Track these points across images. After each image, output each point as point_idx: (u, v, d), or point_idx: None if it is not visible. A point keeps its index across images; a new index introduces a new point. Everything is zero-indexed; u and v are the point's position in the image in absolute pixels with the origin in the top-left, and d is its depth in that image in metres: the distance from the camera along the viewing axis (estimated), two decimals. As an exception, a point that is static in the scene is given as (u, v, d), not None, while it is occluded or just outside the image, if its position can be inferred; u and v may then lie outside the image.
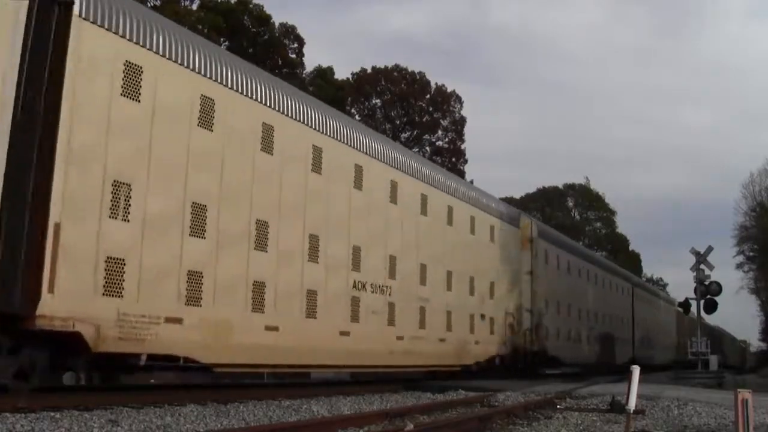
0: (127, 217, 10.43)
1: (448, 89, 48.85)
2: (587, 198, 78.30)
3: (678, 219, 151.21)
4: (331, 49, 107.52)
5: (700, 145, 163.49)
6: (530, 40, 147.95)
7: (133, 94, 10.72)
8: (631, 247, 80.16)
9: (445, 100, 48.64)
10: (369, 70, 48.18)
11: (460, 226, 20.95)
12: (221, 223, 12.10)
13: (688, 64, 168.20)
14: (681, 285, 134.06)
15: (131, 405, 10.18)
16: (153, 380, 16.96)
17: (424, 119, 48.47)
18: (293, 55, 41.27)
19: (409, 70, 48.51)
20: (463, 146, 49.25)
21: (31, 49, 9.46)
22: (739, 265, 50.53)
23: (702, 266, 28.23)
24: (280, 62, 39.44)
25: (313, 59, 57.24)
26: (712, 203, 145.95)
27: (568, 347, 29.75)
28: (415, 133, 48.76)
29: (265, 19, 38.87)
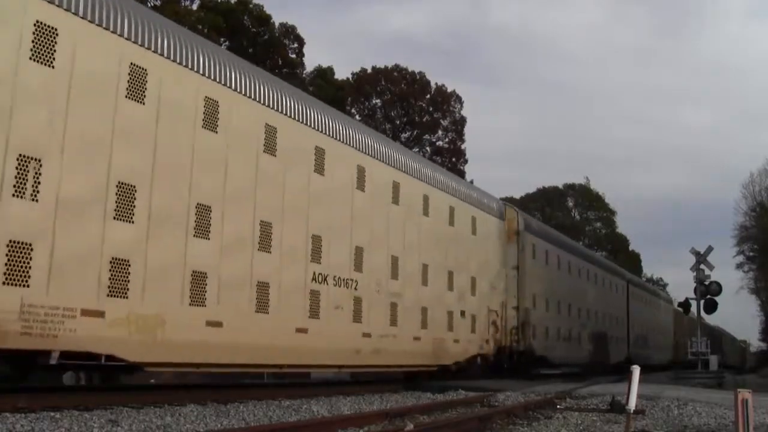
0: (36, 197, 9.43)
1: (448, 89, 48.81)
2: (587, 198, 78.29)
3: (678, 219, 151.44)
4: (331, 49, 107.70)
5: (700, 145, 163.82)
6: (530, 40, 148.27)
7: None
8: (631, 247, 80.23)
9: (445, 100, 48.59)
10: (369, 70, 48.12)
11: (438, 217, 19.66)
12: (154, 207, 11.01)
13: (688, 64, 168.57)
14: (681, 285, 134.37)
15: (131, 405, 10.19)
16: (153, 380, 16.99)
17: (424, 119, 48.42)
18: (293, 55, 41.21)
19: (409, 70, 48.47)
20: (463, 146, 49.23)
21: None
22: (739, 265, 50.70)
23: (702, 266, 28.26)
24: (280, 62, 39.38)
25: (313, 59, 57.35)
26: (712, 203, 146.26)
27: (558, 346, 28.63)
28: (415, 133, 48.72)
29: (265, 19, 38.82)
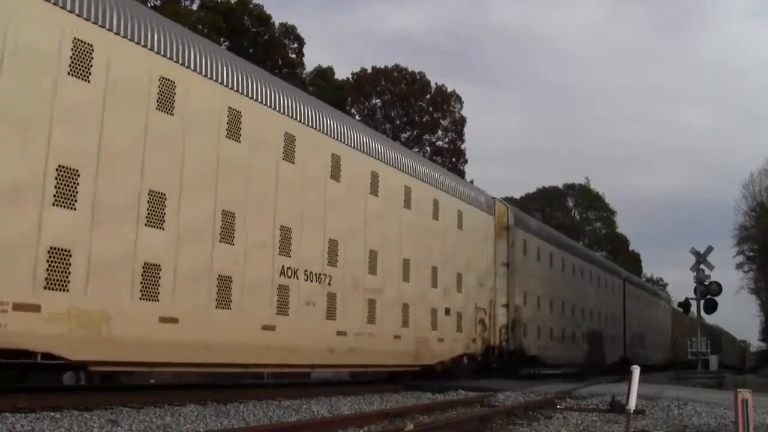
0: None
1: (448, 89, 48.86)
2: (587, 198, 78.33)
3: (678, 219, 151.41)
4: (331, 49, 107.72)
5: (700, 145, 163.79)
6: (530, 40, 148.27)
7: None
8: (631, 247, 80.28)
9: (445, 100, 48.59)
10: (369, 70, 48.15)
11: (420, 210, 18.75)
12: (99, 192, 10.24)
13: (688, 64, 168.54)
14: (681, 285, 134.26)
15: (131, 405, 10.18)
16: (153, 380, 16.99)
17: (424, 119, 48.43)
18: (293, 55, 41.20)
19: (409, 70, 48.52)
20: (463, 146, 49.26)
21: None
22: (739, 265, 50.73)
23: (702, 266, 28.24)
24: (280, 62, 39.38)
25: (313, 59, 57.36)
26: (712, 203, 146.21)
27: (551, 346, 27.73)
28: (415, 133, 48.73)
29: (265, 19, 38.81)
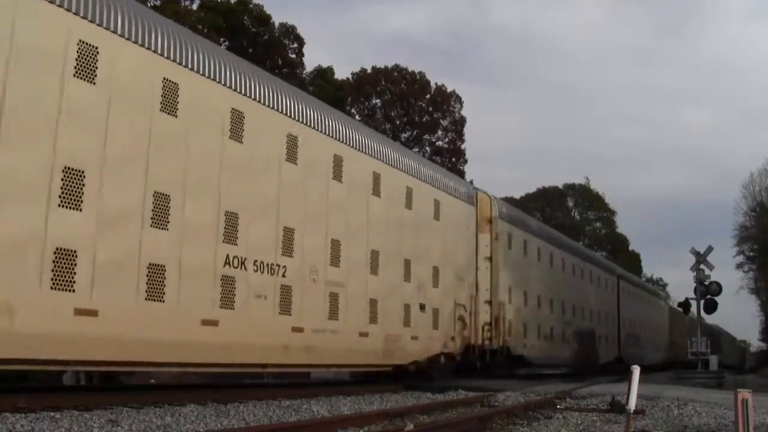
0: None
1: (448, 89, 48.90)
2: (587, 198, 78.37)
3: (678, 219, 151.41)
4: (331, 49, 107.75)
5: (700, 145, 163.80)
6: (530, 40, 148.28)
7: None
8: (631, 247, 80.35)
9: (445, 100, 48.61)
10: (369, 70, 48.19)
11: (391, 198, 17.49)
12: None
13: (688, 64, 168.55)
14: (681, 285, 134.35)
15: (131, 405, 10.18)
16: (153, 380, 16.99)
17: (424, 119, 48.44)
18: (293, 55, 41.23)
19: (409, 70, 48.55)
20: (463, 146, 49.28)
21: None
22: (739, 265, 50.79)
23: (702, 266, 28.26)
24: (280, 62, 39.41)
25: (313, 59, 57.43)
26: (712, 203, 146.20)
27: (539, 345, 26.45)
28: (415, 133, 48.75)
29: (265, 19, 38.83)
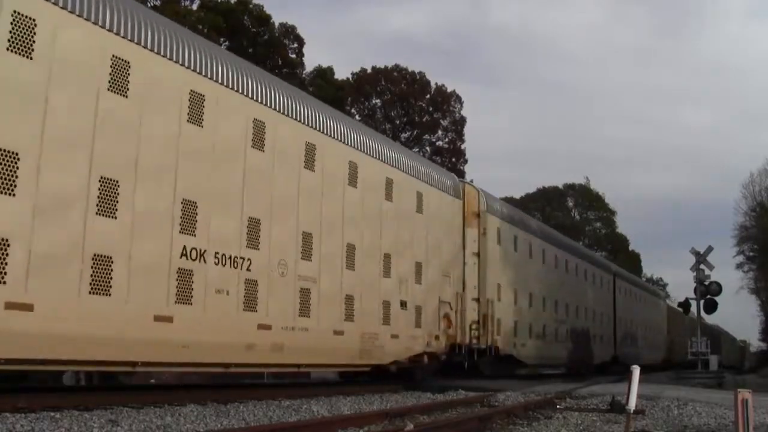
0: None
1: (448, 89, 48.87)
2: (587, 198, 78.37)
3: (678, 219, 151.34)
4: (331, 49, 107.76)
5: (700, 145, 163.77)
6: (530, 40, 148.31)
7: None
8: (631, 247, 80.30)
9: (445, 100, 48.61)
10: (369, 70, 48.15)
11: (369, 189, 16.61)
12: None
13: (688, 64, 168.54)
14: (681, 285, 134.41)
15: (131, 405, 10.18)
16: (153, 380, 17.01)
17: (424, 119, 48.44)
18: (293, 55, 41.23)
19: (409, 70, 48.52)
20: (463, 146, 49.24)
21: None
22: (739, 265, 50.75)
23: (702, 266, 28.28)
24: (280, 62, 39.42)
25: (313, 59, 57.44)
26: (712, 203, 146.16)
27: (530, 344, 25.63)
28: (415, 133, 48.74)
29: (265, 19, 38.84)
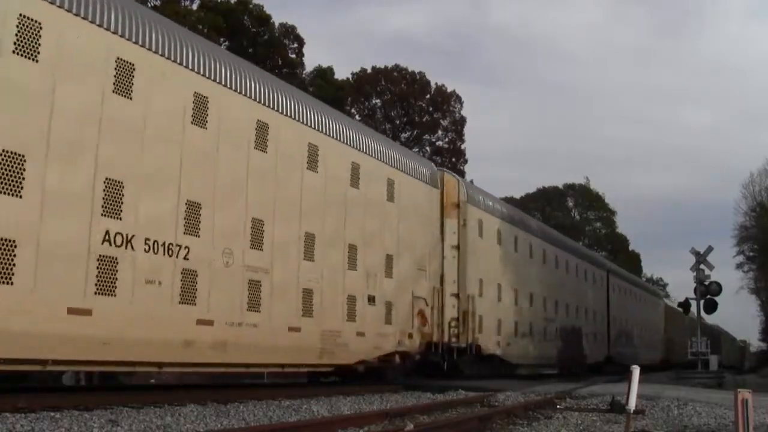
0: None
1: (448, 89, 48.91)
2: (587, 198, 78.38)
3: (678, 219, 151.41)
4: (331, 49, 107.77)
5: (700, 145, 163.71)
6: (530, 40, 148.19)
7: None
8: (631, 247, 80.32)
9: (445, 100, 48.62)
10: (369, 70, 48.18)
11: (332, 174, 15.54)
12: None
13: (688, 64, 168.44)
14: (681, 285, 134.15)
15: (131, 405, 10.18)
16: (153, 380, 17.02)
17: (424, 119, 48.46)
18: (293, 55, 41.25)
19: (409, 70, 48.55)
20: (463, 146, 49.29)
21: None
22: (739, 265, 50.69)
23: (702, 266, 28.27)
24: (280, 62, 39.42)
25: (313, 59, 57.37)
26: (712, 203, 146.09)
27: (516, 342, 24.58)
28: (415, 133, 48.76)
29: (265, 19, 38.85)
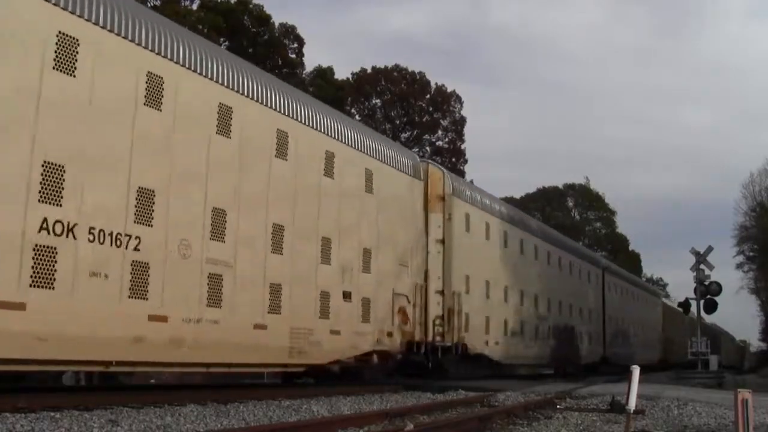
0: None
1: (448, 89, 48.94)
2: (587, 198, 78.40)
3: (678, 219, 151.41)
4: (331, 49, 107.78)
5: (700, 145, 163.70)
6: (530, 40, 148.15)
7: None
8: (631, 247, 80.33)
9: (445, 100, 48.64)
10: (369, 70, 48.20)
11: (305, 163, 14.80)
12: None
13: (688, 64, 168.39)
14: (681, 285, 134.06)
15: (131, 405, 10.18)
16: (153, 380, 17.02)
17: (424, 119, 48.48)
18: (293, 55, 41.26)
19: (409, 70, 48.58)
20: (463, 146, 49.32)
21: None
22: (739, 265, 50.78)
23: (702, 266, 28.28)
24: (280, 62, 39.44)
25: (313, 59, 57.33)
26: (712, 203, 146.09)
27: (505, 342, 23.78)
28: (415, 133, 48.78)
29: (265, 19, 38.86)
